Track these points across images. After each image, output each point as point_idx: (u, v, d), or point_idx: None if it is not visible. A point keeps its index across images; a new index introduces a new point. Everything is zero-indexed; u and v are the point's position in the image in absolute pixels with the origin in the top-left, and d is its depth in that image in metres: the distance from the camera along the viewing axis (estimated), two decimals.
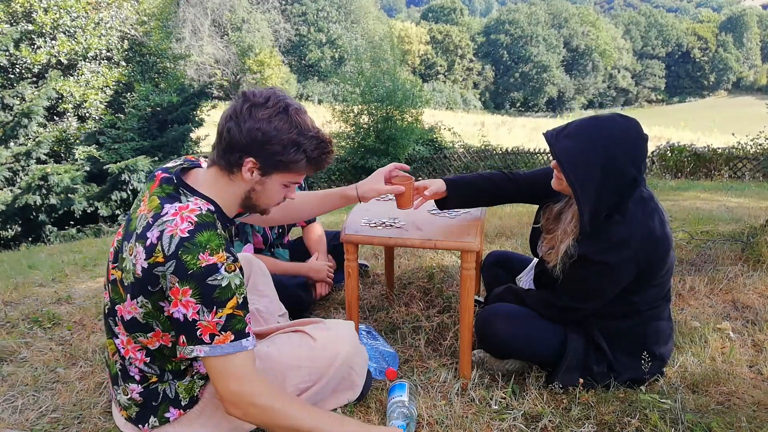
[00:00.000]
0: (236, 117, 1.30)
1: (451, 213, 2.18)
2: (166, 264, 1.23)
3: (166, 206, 1.30)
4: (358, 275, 2.12)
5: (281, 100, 1.32)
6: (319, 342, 1.60)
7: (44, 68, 12.10)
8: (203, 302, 1.22)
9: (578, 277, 1.73)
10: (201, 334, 1.24)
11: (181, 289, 1.22)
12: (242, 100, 1.31)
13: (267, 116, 1.29)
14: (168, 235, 1.24)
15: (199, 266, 1.21)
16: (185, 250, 1.22)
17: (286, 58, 41.33)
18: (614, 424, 1.65)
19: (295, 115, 1.32)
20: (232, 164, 1.34)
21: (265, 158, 1.32)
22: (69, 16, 12.94)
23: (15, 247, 8.45)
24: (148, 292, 1.28)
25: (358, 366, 1.68)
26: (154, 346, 1.38)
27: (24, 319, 2.54)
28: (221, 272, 1.23)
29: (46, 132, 10.87)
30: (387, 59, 14.54)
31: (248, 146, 1.30)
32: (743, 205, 5.41)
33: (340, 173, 13.83)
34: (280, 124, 1.30)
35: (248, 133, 1.29)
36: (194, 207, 1.30)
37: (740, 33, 66.78)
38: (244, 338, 1.28)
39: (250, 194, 1.40)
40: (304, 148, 1.34)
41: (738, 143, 11.29)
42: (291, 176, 1.39)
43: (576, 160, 1.62)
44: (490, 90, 58.19)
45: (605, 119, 1.66)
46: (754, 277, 2.80)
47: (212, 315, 1.23)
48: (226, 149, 1.32)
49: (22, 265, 4.18)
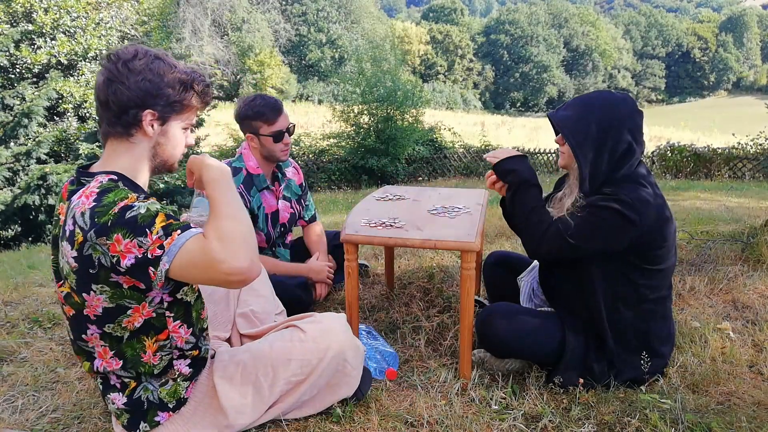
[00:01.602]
0: (117, 78, 1.30)
1: (451, 213, 2.18)
2: (87, 235, 1.22)
3: (73, 198, 1.30)
4: (358, 275, 2.12)
5: (147, 50, 1.35)
6: (310, 334, 1.60)
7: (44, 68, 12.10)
8: (135, 233, 1.21)
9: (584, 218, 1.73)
10: (154, 255, 1.22)
11: (112, 243, 1.21)
12: (113, 61, 1.31)
13: (145, 65, 1.31)
14: (79, 214, 1.24)
15: (114, 213, 1.22)
16: (98, 214, 1.22)
17: (286, 58, 41.34)
18: (614, 424, 1.65)
19: (167, 58, 1.36)
20: (130, 124, 1.33)
21: (161, 105, 1.34)
22: (69, 16, 12.93)
23: (15, 247, 8.46)
24: (92, 276, 1.27)
25: (352, 358, 1.67)
26: (140, 322, 1.36)
27: (24, 319, 2.54)
28: (135, 205, 1.24)
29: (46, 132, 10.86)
30: (388, 59, 14.54)
31: (142, 99, 1.31)
32: (743, 205, 5.41)
33: (340, 173, 13.82)
34: (161, 69, 1.33)
35: (137, 87, 1.30)
36: (95, 183, 1.30)
37: (740, 33, 66.80)
38: (187, 229, 1.26)
39: (156, 149, 1.39)
40: (191, 84, 1.37)
41: (738, 143, 11.30)
42: (186, 116, 1.41)
43: (574, 124, 1.75)
44: (490, 90, 58.21)
45: (602, 91, 1.82)
46: (754, 277, 2.80)
47: (149, 236, 1.22)
48: (119, 113, 1.32)
49: (22, 265, 4.18)
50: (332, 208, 8.52)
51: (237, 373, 1.52)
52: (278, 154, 2.46)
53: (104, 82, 1.31)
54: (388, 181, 13.42)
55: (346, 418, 1.69)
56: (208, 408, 1.50)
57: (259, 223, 2.50)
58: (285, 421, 1.65)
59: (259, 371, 1.54)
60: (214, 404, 1.50)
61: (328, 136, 14.57)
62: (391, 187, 2.73)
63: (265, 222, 2.52)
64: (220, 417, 1.50)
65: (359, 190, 12.65)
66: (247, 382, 1.53)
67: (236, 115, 2.46)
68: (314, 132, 15.15)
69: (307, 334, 1.61)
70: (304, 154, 13.89)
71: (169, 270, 1.23)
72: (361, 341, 2.12)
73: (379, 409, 1.76)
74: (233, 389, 1.51)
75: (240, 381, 1.52)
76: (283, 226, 2.62)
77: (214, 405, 1.50)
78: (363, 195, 10.13)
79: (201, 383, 1.51)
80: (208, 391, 1.51)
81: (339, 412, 1.69)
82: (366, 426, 1.67)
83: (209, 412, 1.50)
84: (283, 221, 2.60)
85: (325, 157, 14.02)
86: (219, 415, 1.49)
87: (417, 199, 2.41)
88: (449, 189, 2.68)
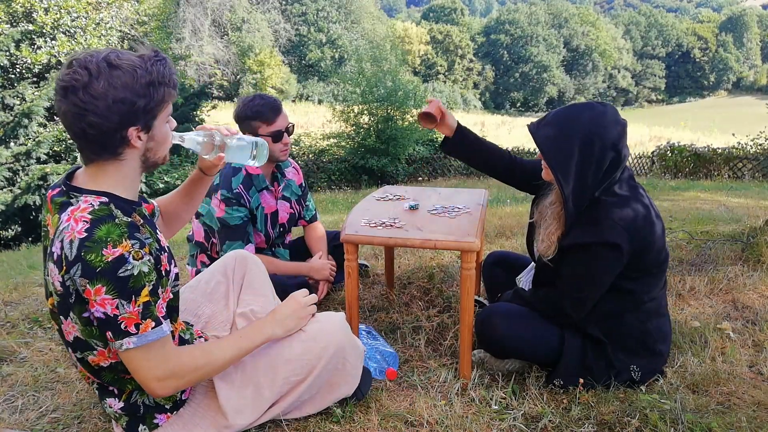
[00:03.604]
0: (84, 109, 1.18)
1: (451, 213, 2.18)
2: (71, 270, 1.19)
3: (62, 216, 1.25)
4: (358, 275, 2.12)
5: (97, 62, 1.19)
6: (309, 334, 1.60)
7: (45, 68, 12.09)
8: (120, 295, 1.19)
9: (573, 265, 1.73)
10: (126, 326, 1.22)
11: (92, 289, 1.18)
12: (72, 91, 1.18)
13: (107, 85, 1.19)
14: (68, 242, 1.19)
15: (106, 261, 1.17)
16: (87, 249, 1.17)
17: (286, 58, 41.35)
18: (614, 424, 1.65)
19: (120, 60, 1.21)
20: (116, 147, 1.26)
21: (142, 117, 1.26)
22: (69, 17, 12.93)
23: (15, 247, 8.46)
24: (70, 306, 1.26)
25: (351, 356, 1.67)
26: (106, 363, 1.35)
27: (24, 319, 2.54)
28: (130, 261, 1.20)
29: (47, 132, 10.86)
30: (388, 59, 14.54)
31: (119, 122, 1.22)
32: (743, 205, 5.41)
33: (340, 173, 13.83)
34: (124, 80, 1.21)
35: (110, 112, 1.20)
36: (85, 206, 1.24)
37: (740, 33, 66.81)
38: (161, 324, 1.27)
39: (147, 155, 1.34)
40: (157, 80, 1.26)
41: (738, 143, 11.31)
42: (165, 110, 1.32)
43: (555, 145, 1.70)
44: (490, 90, 58.23)
45: (582, 105, 1.75)
46: (754, 277, 2.80)
47: (132, 305, 1.21)
48: (102, 142, 1.24)
49: (22, 265, 4.18)
50: (332, 208, 8.53)
51: (237, 373, 1.52)
52: (278, 154, 2.46)
53: (73, 116, 1.19)
54: (388, 181, 13.42)
55: (346, 418, 1.69)
56: (208, 409, 1.50)
57: (258, 224, 2.50)
58: (285, 421, 1.65)
59: (258, 371, 1.54)
60: (214, 405, 1.50)
61: (328, 136, 14.58)
62: (391, 187, 2.73)
63: (264, 222, 2.52)
64: (219, 417, 1.50)
65: (359, 190, 12.66)
66: (247, 382, 1.53)
67: (235, 115, 2.46)
68: (314, 132, 15.17)
69: (307, 333, 1.61)
70: (304, 154, 13.90)
71: (128, 350, 1.24)
72: (361, 341, 2.12)
73: (379, 409, 1.76)
74: (233, 390, 1.51)
75: (240, 381, 1.52)
76: (282, 226, 2.62)
77: (214, 406, 1.50)
78: (363, 195, 10.13)
79: (200, 385, 1.51)
80: (207, 392, 1.51)
81: (339, 412, 1.69)
82: (366, 426, 1.67)
83: (209, 413, 1.50)
84: (282, 221, 2.60)
85: (325, 157, 14.02)
86: (218, 415, 1.49)
87: (417, 200, 2.41)
88: (449, 189, 2.68)
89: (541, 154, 1.74)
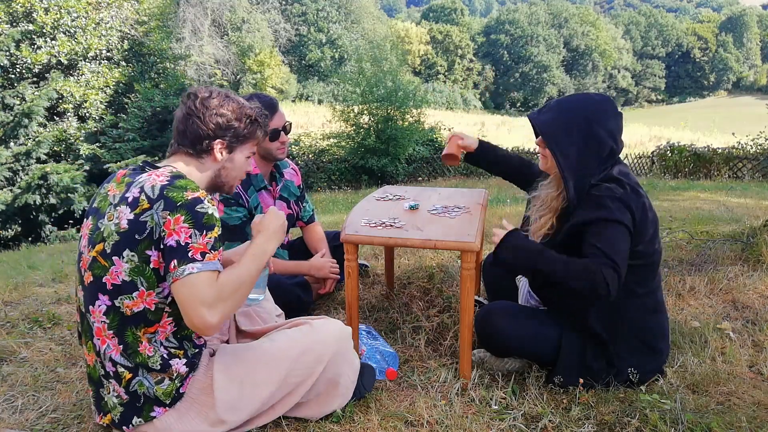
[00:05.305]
0: (194, 113, 1.52)
1: (451, 213, 2.18)
2: (154, 206, 1.37)
3: (136, 177, 1.45)
4: (358, 275, 2.12)
5: (219, 90, 1.58)
6: (313, 337, 1.63)
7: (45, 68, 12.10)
8: (195, 226, 1.37)
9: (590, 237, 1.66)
10: (192, 255, 1.36)
11: (173, 219, 1.36)
12: (192, 99, 1.54)
13: (218, 103, 1.54)
14: (149, 186, 1.40)
15: (186, 198, 1.38)
16: (169, 190, 1.39)
17: (286, 58, 41.32)
18: (614, 424, 1.65)
19: (236, 97, 1.60)
20: (202, 151, 1.55)
21: (230, 137, 1.56)
22: (69, 16, 12.94)
23: (15, 247, 8.45)
24: (135, 242, 1.38)
25: (345, 375, 1.69)
26: (139, 308, 1.42)
27: (24, 319, 2.54)
28: (205, 203, 1.40)
29: (47, 132, 10.87)
30: (389, 59, 14.53)
31: (214, 131, 1.53)
32: (743, 205, 5.41)
33: (340, 173, 13.82)
34: (232, 107, 1.56)
35: (211, 121, 1.52)
36: (164, 170, 1.46)
37: (740, 33, 66.79)
38: (219, 261, 1.42)
39: (220, 172, 1.60)
40: (256, 119, 1.60)
41: (738, 143, 11.31)
42: (250, 145, 1.63)
43: (556, 130, 1.73)
44: (490, 90, 58.21)
45: (582, 94, 1.81)
46: (754, 277, 2.80)
47: (203, 237, 1.38)
48: (194, 142, 1.54)
49: (22, 265, 4.18)
50: (332, 208, 8.52)
51: (237, 370, 1.53)
52: (275, 153, 2.47)
53: (183, 116, 1.54)
54: (388, 181, 13.42)
55: (346, 418, 1.70)
56: (203, 405, 1.51)
57: None
58: (285, 420, 1.65)
59: (258, 371, 1.54)
60: (209, 401, 1.51)
61: (328, 136, 14.57)
62: (391, 187, 2.73)
63: None
64: (212, 413, 1.51)
65: (359, 190, 12.65)
66: (247, 380, 1.53)
67: None
68: (314, 132, 15.15)
69: (310, 336, 1.62)
70: (304, 154, 13.89)
71: (188, 276, 1.34)
72: (361, 341, 2.12)
73: (379, 409, 1.76)
74: (231, 385, 1.52)
75: (239, 378, 1.53)
76: None
77: (209, 402, 1.51)
78: (363, 195, 10.13)
79: (198, 379, 1.52)
80: (204, 387, 1.51)
81: (339, 413, 1.70)
82: (366, 426, 1.67)
83: (203, 409, 1.51)
84: None
85: (325, 157, 14.01)
86: (212, 411, 1.51)
87: (417, 200, 2.41)
88: (449, 189, 2.68)
89: (542, 137, 1.76)
